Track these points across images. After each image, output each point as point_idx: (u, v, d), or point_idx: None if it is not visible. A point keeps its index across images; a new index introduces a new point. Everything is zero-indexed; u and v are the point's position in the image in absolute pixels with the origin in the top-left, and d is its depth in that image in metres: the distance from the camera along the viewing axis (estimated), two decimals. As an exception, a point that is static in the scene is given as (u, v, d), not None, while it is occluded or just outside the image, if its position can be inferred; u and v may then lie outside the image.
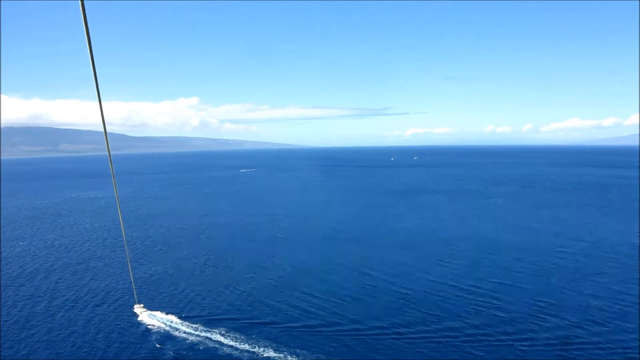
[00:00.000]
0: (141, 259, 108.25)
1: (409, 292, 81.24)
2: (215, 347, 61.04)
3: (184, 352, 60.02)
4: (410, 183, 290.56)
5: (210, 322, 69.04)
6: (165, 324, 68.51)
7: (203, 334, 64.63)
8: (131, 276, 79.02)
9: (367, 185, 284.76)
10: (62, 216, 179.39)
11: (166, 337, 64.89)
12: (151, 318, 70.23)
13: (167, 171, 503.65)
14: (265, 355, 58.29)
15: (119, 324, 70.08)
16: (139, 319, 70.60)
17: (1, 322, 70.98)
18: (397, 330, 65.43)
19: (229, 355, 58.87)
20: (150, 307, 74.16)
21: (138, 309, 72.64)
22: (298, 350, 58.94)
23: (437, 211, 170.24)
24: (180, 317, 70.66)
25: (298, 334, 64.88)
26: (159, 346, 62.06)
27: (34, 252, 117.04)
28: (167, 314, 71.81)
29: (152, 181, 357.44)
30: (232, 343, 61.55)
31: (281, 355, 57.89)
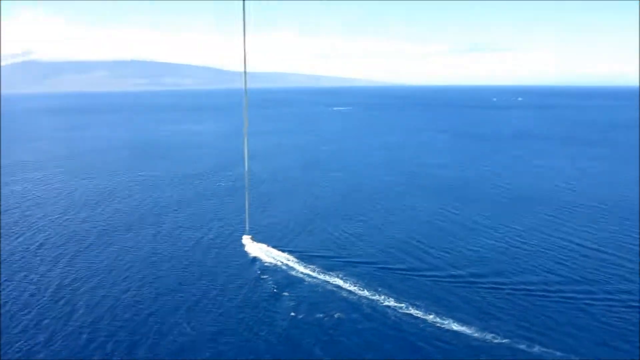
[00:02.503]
0: (254, 192, 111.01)
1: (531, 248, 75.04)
2: (310, 281, 62.88)
3: (282, 282, 62.67)
4: (516, 126, 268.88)
5: (307, 259, 70.16)
6: (270, 256, 71.13)
7: (301, 268, 66.46)
8: (246, 207, 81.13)
9: (467, 126, 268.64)
10: (173, 149, 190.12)
11: (267, 267, 67.97)
12: (257, 249, 73.25)
13: (265, 106, 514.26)
14: (361, 294, 58.85)
15: (228, 251, 74.74)
16: (245, 248, 74.39)
17: (141, 235, 77.26)
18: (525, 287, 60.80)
19: (321, 288, 60.59)
20: (257, 239, 77.05)
21: (246, 239, 76.11)
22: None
23: (551, 161, 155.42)
24: (282, 250, 72.81)
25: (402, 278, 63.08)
26: (259, 273, 66.06)
27: (147, 180, 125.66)
28: (271, 246, 74.26)
29: (252, 116, 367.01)
30: (325, 278, 63.01)
31: (381, 297, 57.54)
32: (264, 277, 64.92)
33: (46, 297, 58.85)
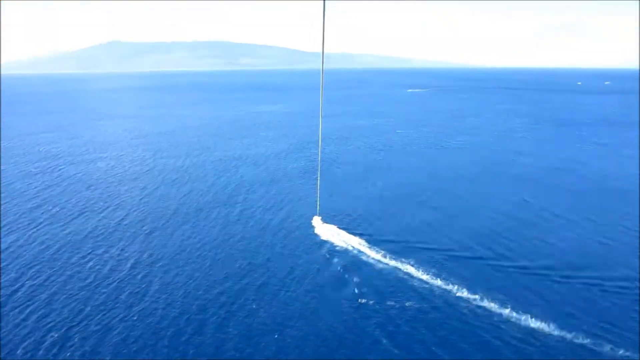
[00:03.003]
0: (326, 175, 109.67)
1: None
2: (380, 266, 61.57)
3: (351, 266, 61.75)
4: (603, 112, 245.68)
5: (378, 243, 68.59)
6: (339, 238, 70.38)
7: (371, 253, 65.14)
8: (318, 188, 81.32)
9: (550, 112, 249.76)
10: (248, 129, 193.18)
11: (336, 250, 67.30)
12: (327, 230, 72.77)
13: (336, 87, 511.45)
14: (433, 282, 56.92)
15: (298, 232, 74.71)
16: (315, 230, 73.82)
17: (217, 211, 78.13)
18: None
19: (392, 274, 59.34)
20: (327, 220, 76.58)
21: (316, 220, 75.95)
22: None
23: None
24: (352, 233, 71.70)
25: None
26: (328, 256, 65.32)
27: (224, 159, 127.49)
28: (341, 228, 73.49)
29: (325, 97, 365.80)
30: (396, 264, 61.40)
31: (454, 288, 55.14)
32: (333, 259, 64.04)
33: (124, 272, 60.84)
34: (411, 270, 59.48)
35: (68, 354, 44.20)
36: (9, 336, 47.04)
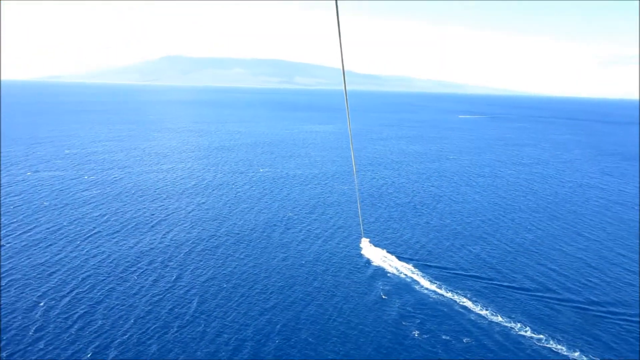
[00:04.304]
0: (371, 197, 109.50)
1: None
2: (420, 290, 62.55)
3: (390, 285, 63.62)
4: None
5: (422, 267, 69.99)
6: (382, 258, 72.80)
7: (413, 275, 66.57)
8: (359, 211, 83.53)
9: (615, 145, 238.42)
10: (300, 147, 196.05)
11: (379, 269, 69.35)
12: (373, 252, 75.16)
13: (387, 110, 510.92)
14: (470, 307, 57.45)
15: (347, 252, 76.94)
16: (362, 251, 76.00)
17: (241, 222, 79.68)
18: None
19: (429, 298, 60.11)
20: (374, 243, 78.59)
21: (364, 242, 78.40)
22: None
23: None
24: (397, 257, 73.28)
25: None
26: (371, 275, 67.63)
27: (273, 178, 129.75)
28: (387, 251, 75.35)
29: (374, 120, 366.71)
30: (436, 289, 62.30)
31: (516, 325, 53.44)
32: (381, 284, 64.35)
33: (170, 286, 62.73)
34: (468, 303, 58.05)
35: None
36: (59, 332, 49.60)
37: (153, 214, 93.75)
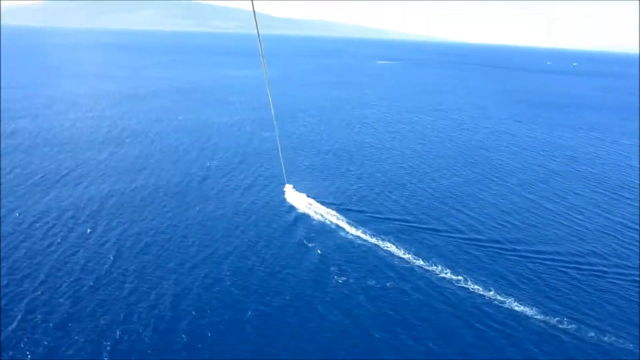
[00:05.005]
0: (294, 144, 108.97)
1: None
2: (343, 235, 63.58)
3: (314, 232, 64.01)
4: (571, 94, 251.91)
5: (345, 212, 70.76)
6: (306, 203, 73.04)
7: (336, 220, 67.51)
8: (281, 157, 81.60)
9: (525, 92, 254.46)
10: (217, 93, 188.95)
11: (302, 214, 69.94)
12: (296, 198, 75.21)
13: (305, 55, 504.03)
14: (385, 247, 59.75)
15: (270, 199, 76.46)
16: (286, 197, 76.11)
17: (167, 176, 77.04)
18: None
19: (352, 242, 61.52)
20: (297, 188, 78.27)
21: (287, 188, 78.13)
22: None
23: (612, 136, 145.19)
24: (320, 202, 73.69)
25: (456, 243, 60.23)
26: (294, 219, 68.17)
27: (192, 126, 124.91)
28: (310, 197, 75.51)
29: (292, 65, 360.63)
30: (359, 234, 63.53)
31: (437, 268, 55.64)
32: (304, 230, 64.70)
33: (92, 249, 59.43)
34: (392, 248, 59.44)
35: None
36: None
37: (60, 166, 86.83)
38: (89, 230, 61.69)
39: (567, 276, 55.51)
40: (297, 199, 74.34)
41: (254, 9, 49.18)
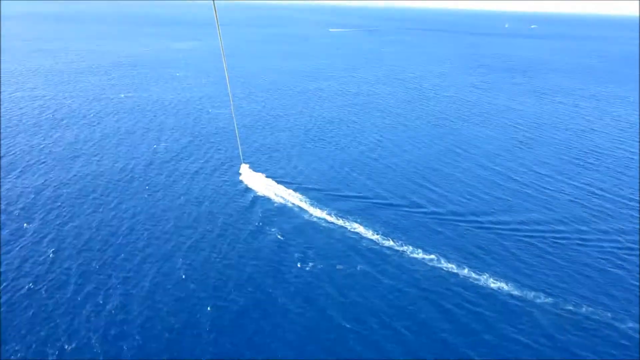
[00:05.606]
0: (249, 120, 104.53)
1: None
2: (300, 214, 61.57)
3: (274, 215, 61.33)
4: (532, 58, 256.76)
5: (302, 190, 68.74)
6: (264, 184, 70.24)
7: (292, 199, 65.41)
8: (237, 135, 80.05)
9: (484, 57, 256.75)
10: (159, 68, 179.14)
11: (260, 196, 67.01)
12: (253, 177, 72.47)
13: (251, 24, 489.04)
14: (351, 228, 57.75)
15: (224, 181, 72.68)
16: (242, 177, 72.93)
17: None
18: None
19: (310, 222, 59.60)
20: (254, 168, 75.96)
21: (243, 168, 75.32)
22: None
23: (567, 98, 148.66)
24: (276, 181, 71.49)
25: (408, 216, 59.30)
26: (251, 201, 65.21)
27: (137, 105, 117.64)
28: (267, 176, 73.15)
29: (237, 35, 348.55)
30: (318, 213, 61.33)
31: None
32: (261, 211, 62.50)
33: (33, 240, 54.25)
34: (357, 227, 57.48)
35: None
36: None
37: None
38: (25, 225, 56.35)
39: (540, 249, 55.28)
40: (254, 180, 71.23)
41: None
